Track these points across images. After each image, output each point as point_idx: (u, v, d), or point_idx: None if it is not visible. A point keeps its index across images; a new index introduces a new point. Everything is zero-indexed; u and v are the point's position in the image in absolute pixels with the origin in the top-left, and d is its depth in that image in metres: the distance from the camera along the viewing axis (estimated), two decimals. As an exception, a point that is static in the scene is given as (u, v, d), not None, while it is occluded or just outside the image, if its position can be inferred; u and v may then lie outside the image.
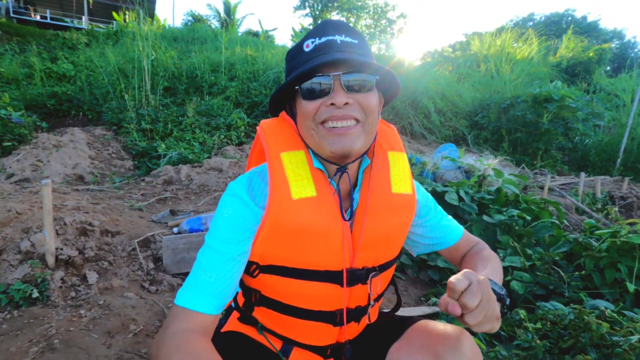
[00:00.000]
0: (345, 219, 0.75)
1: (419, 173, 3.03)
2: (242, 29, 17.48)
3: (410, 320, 0.84)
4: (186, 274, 1.99)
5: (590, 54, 11.71)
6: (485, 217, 2.45)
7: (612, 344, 1.26)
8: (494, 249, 2.38)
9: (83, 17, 16.72)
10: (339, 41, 0.70)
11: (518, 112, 6.69)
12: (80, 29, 12.81)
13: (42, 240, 1.75)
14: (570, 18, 27.53)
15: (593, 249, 1.94)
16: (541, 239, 2.30)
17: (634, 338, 1.23)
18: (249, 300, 0.86)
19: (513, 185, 2.89)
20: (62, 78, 6.83)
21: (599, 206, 3.93)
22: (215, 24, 17.82)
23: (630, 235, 1.82)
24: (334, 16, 18.21)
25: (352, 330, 0.85)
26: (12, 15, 14.63)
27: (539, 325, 1.50)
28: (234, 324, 0.92)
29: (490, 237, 2.46)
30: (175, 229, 2.27)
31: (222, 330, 0.92)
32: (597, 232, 2.04)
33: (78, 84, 6.36)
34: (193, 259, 2.01)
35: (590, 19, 28.62)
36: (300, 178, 0.73)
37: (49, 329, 1.32)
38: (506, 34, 12.89)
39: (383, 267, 0.82)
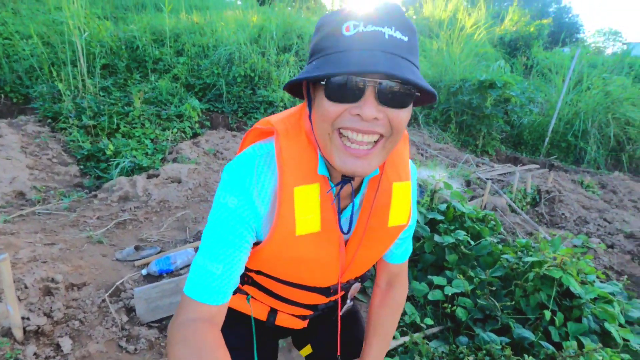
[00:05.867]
0: (343, 232, 0.77)
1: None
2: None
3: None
4: (162, 320, 2.05)
5: (531, 29, 12.36)
6: (436, 238, 2.74)
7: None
8: (443, 268, 2.70)
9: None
10: (386, 36, 0.57)
11: (465, 97, 7.06)
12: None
13: (5, 313, 1.68)
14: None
15: (521, 277, 2.30)
16: (481, 258, 2.66)
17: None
18: (241, 279, 0.93)
19: (460, 198, 3.20)
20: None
21: (529, 200, 4.49)
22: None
23: (551, 268, 2.19)
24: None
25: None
26: None
27: (480, 355, 1.82)
28: None
29: (440, 254, 2.78)
30: (143, 271, 2.26)
31: None
32: (525, 258, 2.41)
33: (-10, 55, 5.44)
34: (167, 305, 2.07)
35: (533, -16, 29.71)
36: (308, 213, 0.72)
37: None
38: (457, -1, 13.22)
39: (362, 275, 0.97)
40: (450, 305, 2.22)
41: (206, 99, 5.85)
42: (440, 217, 2.91)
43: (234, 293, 0.96)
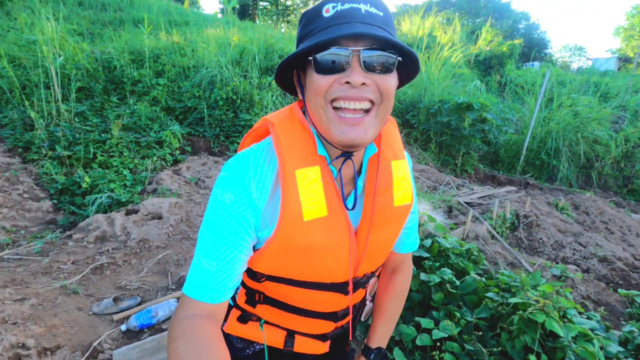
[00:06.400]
0: (347, 208, 0.77)
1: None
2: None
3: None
4: (142, 382, 1.95)
5: (504, 49, 12.89)
6: (422, 276, 2.75)
7: None
8: (429, 307, 2.72)
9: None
10: (363, 11, 0.63)
11: (444, 118, 7.24)
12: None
13: (-30, 392, 1.56)
14: (488, -3, 29.59)
15: (506, 320, 2.34)
16: (467, 297, 2.68)
17: None
18: (252, 298, 0.90)
19: (443, 230, 3.25)
20: None
21: (508, 225, 4.60)
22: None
23: (535, 311, 2.23)
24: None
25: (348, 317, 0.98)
26: None
27: (467, 411, 1.82)
28: (232, 326, 0.96)
29: (426, 292, 2.79)
30: (123, 327, 2.16)
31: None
32: (509, 299, 2.45)
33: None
34: (148, 365, 1.98)
35: (504, 1, 31.22)
36: (313, 196, 0.72)
37: None
38: (433, 17, 13.74)
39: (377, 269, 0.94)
40: (438, 353, 2.22)
41: (187, 123, 5.74)
42: (425, 254, 2.94)
43: (246, 322, 0.93)
